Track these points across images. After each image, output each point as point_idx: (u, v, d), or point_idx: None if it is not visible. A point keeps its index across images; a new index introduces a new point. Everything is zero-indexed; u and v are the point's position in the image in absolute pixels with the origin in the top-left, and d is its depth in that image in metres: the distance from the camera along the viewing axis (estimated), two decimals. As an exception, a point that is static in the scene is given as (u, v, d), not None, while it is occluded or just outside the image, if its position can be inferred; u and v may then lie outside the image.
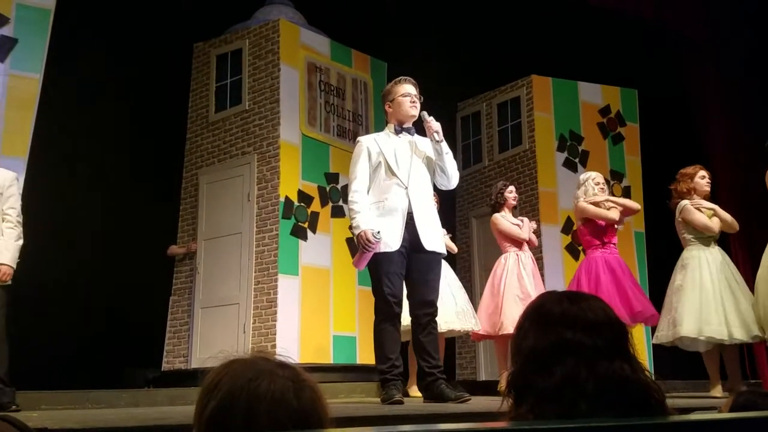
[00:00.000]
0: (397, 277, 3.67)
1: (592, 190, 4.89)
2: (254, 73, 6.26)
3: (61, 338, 5.67)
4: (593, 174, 5.06)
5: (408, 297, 3.80)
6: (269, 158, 5.99)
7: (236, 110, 6.31)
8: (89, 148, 6.06)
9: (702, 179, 4.67)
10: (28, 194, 4.57)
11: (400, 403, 3.54)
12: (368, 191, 3.77)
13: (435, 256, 3.78)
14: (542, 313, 1.23)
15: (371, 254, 3.59)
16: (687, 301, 4.38)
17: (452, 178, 3.85)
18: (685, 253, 4.60)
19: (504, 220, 5.16)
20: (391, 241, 3.63)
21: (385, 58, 6.93)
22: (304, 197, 6.02)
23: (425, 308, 3.72)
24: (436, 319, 3.85)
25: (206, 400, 0.96)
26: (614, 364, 1.15)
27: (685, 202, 4.62)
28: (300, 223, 5.94)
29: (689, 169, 4.75)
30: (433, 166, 3.83)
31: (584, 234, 4.90)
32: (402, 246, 3.65)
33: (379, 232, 3.58)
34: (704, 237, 4.55)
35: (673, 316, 4.42)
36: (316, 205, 6.09)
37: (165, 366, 6.16)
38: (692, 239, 4.58)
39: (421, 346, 3.69)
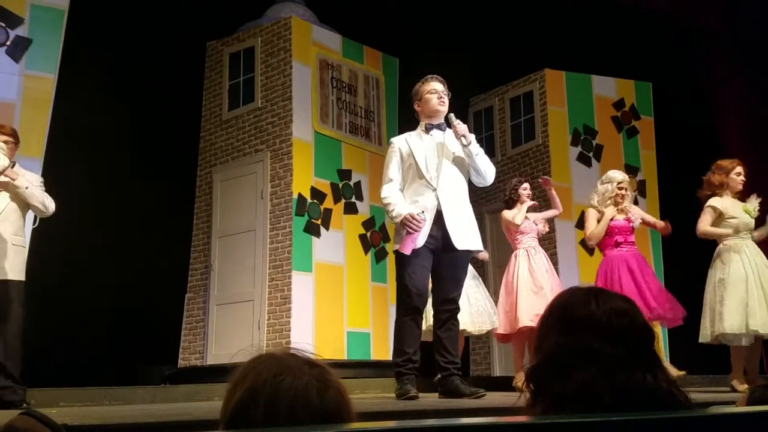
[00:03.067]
0: (422, 269, 3.68)
1: (610, 194, 4.76)
2: (266, 71, 6.28)
3: (78, 336, 5.72)
4: (619, 177, 4.87)
5: (432, 292, 3.82)
6: (282, 155, 6.01)
7: (249, 108, 6.33)
8: (104, 147, 6.10)
9: (738, 176, 4.57)
10: (44, 193, 4.61)
11: (415, 398, 3.56)
12: (403, 191, 3.81)
13: (465, 255, 3.81)
14: (567, 312, 1.21)
15: (417, 236, 3.61)
16: (729, 296, 4.32)
17: (487, 175, 3.88)
18: (720, 247, 4.51)
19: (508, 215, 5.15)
20: (418, 238, 3.65)
21: (397, 54, 6.92)
22: (317, 194, 6.04)
23: (447, 305, 3.74)
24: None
25: (232, 392, 0.98)
26: (635, 375, 1.13)
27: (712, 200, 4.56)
28: (313, 220, 5.95)
29: (726, 163, 4.62)
30: (466, 165, 3.85)
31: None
32: (429, 244, 3.67)
33: (423, 212, 3.63)
34: (738, 230, 4.46)
35: (717, 313, 4.35)
36: (328, 202, 6.10)
37: (181, 363, 6.21)
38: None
39: (439, 341, 3.71)
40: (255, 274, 5.93)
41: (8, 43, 4.75)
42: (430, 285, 3.87)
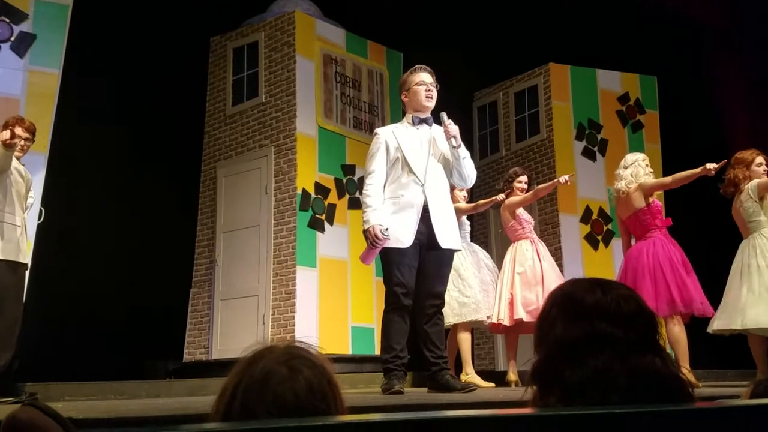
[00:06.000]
0: (409, 268, 3.66)
1: (643, 171, 4.64)
2: (270, 66, 6.27)
3: (83, 331, 5.74)
4: (641, 156, 4.77)
5: (417, 288, 3.77)
6: (286, 151, 6.01)
7: (253, 103, 6.33)
8: (108, 143, 6.11)
9: (759, 167, 4.43)
10: (48, 188, 4.63)
11: (401, 393, 3.54)
12: (384, 186, 3.75)
13: (449, 253, 3.77)
14: (573, 302, 1.20)
15: (378, 250, 3.61)
16: (729, 292, 4.31)
17: (469, 180, 3.83)
18: (743, 241, 4.42)
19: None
20: (404, 237, 3.62)
21: (401, 49, 6.91)
22: (321, 189, 6.04)
23: (433, 299, 3.71)
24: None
25: (221, 393, 1.04)
26: (646, 358, 1.13)
27: (755, 182, 4.38)
28: (317, 215, 5.96)
29: (746, 155, 4.48)
30: (450, 165, 3.80)
31: (646, 215, 4.56)
32: (416, 240, 3.65)
33: (387, 229, 3.57)
34: (760, 222, 4.36)
35: (720, 307, 4.34)
36: (333, 197, 6.10)
37: (186, 357, 6.23)
38: (751, 225, 4.38)
39: (427, 336, 3.68)
40: (259, 269, 5.94)
41: (13, 38, 4.76)
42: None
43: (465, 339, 4.82)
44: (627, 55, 7.38)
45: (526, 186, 5.08)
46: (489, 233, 7.49)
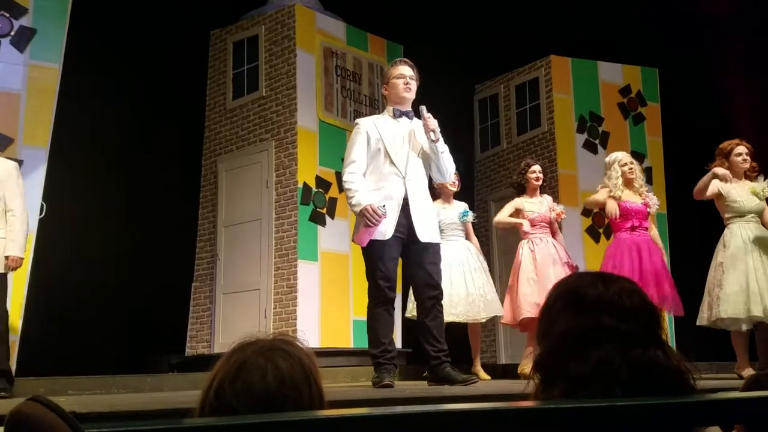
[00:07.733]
0: (392, 261, 3.65)
1: (616, 173, 4.64)
2: (271, 60, 6.26)
3: (86, 326, 5.76)
4: (620, 156, 4.74)
5: (411, 282, 3.78)
6: (287, 144, 6.01)
7: (253, 97, 6.33)
8: (109, 137, 6.12)
9: (738, 156, 4.45)
10: (49, 182, 4.63)
11: (390, 386, 3.54)
12: (365, 176, 3.74)
13: (430, 246, 3.74)
14: (577, 295, 1.20)
15: (375, 229, 3.56)
16: (727, 280, 4.29)
17: (446, 174, 3.83)
18: (725, 231, 4.46)
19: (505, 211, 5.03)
20: (385, 229, 3.60)
21: (402, 42, 6.89)
22: (322, 183, 6.04)
23: (429, 291, 3.69)
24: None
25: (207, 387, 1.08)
26: (648, 351, 1.14)
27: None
28: (318, 209, 5.96)
29: (724, 145, 4.51)
30: (429, 159, 3.79)
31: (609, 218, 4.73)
32: (398, 232, 3.64)
33: (384, 206, 3.55)
34: (742, 213, 4.38)
35: (715, 297, 4.32)
36: (334, 191, 6.10)
37: (188, 351, 6.25)
38: (730, 216, 4.43)
39: (427, 330, 3.66)
40: (261, 263, 5.95)
41: (12, 33, 4.74)
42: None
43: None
44: (628, 47, 7.35)
45: (541, 176, 5.02)
46: (490, 226, 7.49)
